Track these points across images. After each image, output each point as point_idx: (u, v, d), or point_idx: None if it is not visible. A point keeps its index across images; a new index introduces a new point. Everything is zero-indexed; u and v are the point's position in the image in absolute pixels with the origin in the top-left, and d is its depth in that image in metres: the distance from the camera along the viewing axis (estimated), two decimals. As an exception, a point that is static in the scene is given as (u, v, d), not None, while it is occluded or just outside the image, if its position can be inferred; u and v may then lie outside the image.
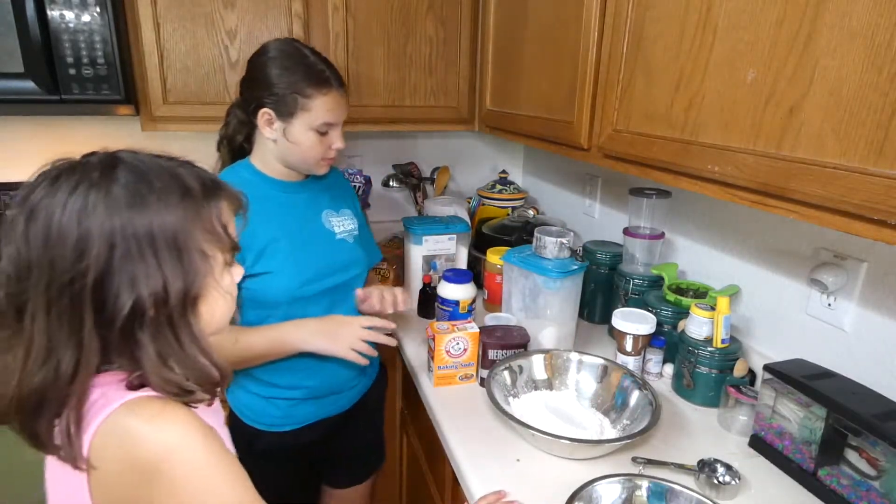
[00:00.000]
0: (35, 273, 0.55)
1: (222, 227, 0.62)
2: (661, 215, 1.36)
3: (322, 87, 1.08)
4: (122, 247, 0.55)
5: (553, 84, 1.27)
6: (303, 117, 1.09)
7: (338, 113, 1.12)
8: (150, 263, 0.56)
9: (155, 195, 0.57)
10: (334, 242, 1.22)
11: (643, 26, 0.96)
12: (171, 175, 0.60)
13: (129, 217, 0.56)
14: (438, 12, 1.67)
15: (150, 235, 0.56)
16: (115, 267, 0.55)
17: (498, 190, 1.93)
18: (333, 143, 1.14)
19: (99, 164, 0.59)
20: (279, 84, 1.08)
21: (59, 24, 1.33)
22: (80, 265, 0.54)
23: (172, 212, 0.58)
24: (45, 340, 0.55)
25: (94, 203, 0.55)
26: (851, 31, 0.62)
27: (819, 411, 0.90)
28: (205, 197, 0.61)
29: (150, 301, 0.56)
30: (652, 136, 0.95)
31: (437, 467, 1.22)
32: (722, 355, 1.11)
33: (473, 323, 1.23)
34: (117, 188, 0.56)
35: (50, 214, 0.55)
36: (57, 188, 0.56)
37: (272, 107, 1.09)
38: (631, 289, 1.36)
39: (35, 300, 0.55)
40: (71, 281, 0.54)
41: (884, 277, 0.94)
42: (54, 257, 0.54)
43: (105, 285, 0.55)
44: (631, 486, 0.89)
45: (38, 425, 0.57)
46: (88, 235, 0.54)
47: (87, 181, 0.56)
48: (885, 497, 0.81)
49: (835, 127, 0.65)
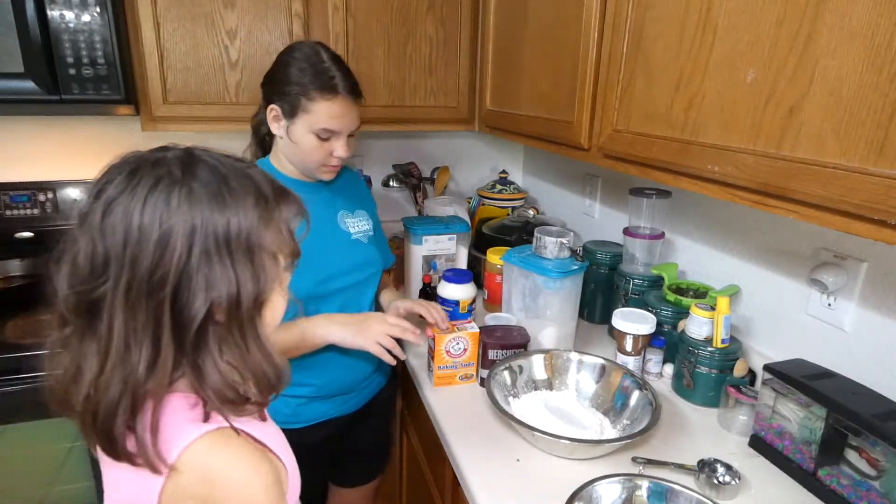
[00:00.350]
0: (113, 270, 0.53)
1: (288, 231, 0.62)
2: (661, 215, 1.36)
3: (327, 92, 1.08)
4: (201, 247, 0.54)
5: (553, 84, 1.27)
6: (304, 119, 1.10)
7: (341, 122, 1.11)
8: (225, 265, 0.55)
9: (233, 196, 0.57)
10: (350, 243, 1.23)
11: (643, 26, 0.96)
12: (245, 177, 0.60)
13: (210, 216, 0.55)
14: (438, 12, 1.67)
15: (226, 236, 0.55)
16: (194, 267, 0.54)
17: (498, 190, 1.93)
18: (335, 151, 1.13)
19: (178, 160, 0.57)
20: (288, 82, 1.09)
21: (59, 24, 1.33)
22: (162, 264, 0.53)
23: (248, 213, 0.57)
24: (123, 340, 0.54)
25: (177, 201, 0.54)
26: (851, 31, 0.62)
27: (819, 411, 0.90)
28: (276, 199, 0.61)
29: (223, 305, 0.55)
30: (652, 136, 0.95)
31: (437, 467, 1.22)
32: (722, 355, 1.11)
33: (473, 323, 1.23)
34: (198, 186, 0.55)
35: (130, 210, 0.53)
36: (136, 183, 0.54)
37: (279, 103, 1.11)
38: (631, 289, 1.36)
39: (113, 298, 0.53)
40: (151, 280, 0.53)
41: (884, 277, 0.94)
42: (135, 254, 0.53)
43: (183, 286, 0.54)
44: (631, 486, 0.89)
45: (114, 428, 0.55)
46: (171, 233, 0.53)
47: (168, 178, 0.55)
48: (885, 497, 0.81)
49: (835, 127, 0.64)
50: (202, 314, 0.54)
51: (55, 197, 1.73)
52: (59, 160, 1.78)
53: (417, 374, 1.27)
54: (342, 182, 1.27)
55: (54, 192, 1.73)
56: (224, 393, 0.57)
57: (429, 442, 1.26)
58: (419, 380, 1.25)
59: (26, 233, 1.72)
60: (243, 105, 1.58)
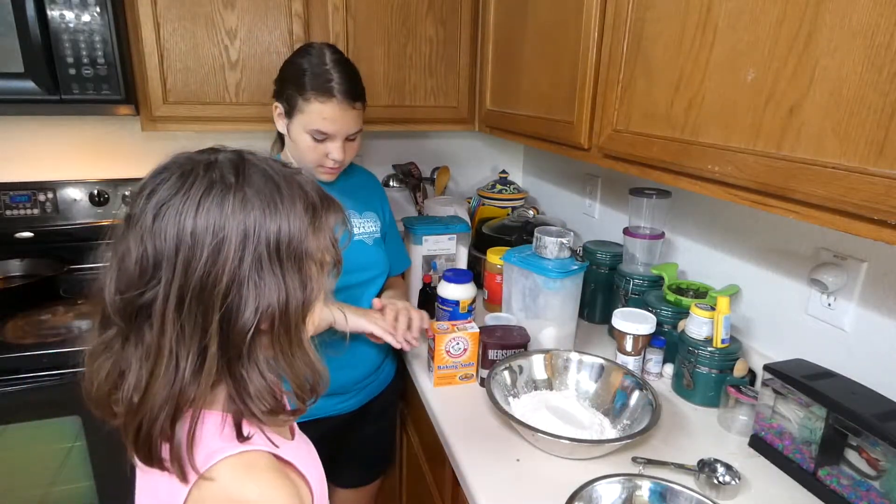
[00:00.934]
0: (164, 275, 0.52)
1: (333, 238, 0.62)
2: (661, 215, 1.36)
3: (321, 94, 1.09)
4: (253, 254, 0.54)
5: (553, 84, 1.27)
6: (299, 118, 1.12)
7: (334, 125, 1.12)
8: (275, 273, 0.55)
9: (284, 202, 0.56)
10: (351, 244, 1.23)
11: (643, 26, 0.96)
12: (295, 183, 0.60)
13: (262, 223, 0.54)
14: (438, 13, 1.67)
15: (277, 243, 0.55)
16: (245, 275, 0.53)
17: (498, 190, 1.93)
18: (329, 153, 1.15)
19: (231, 164, 0.57)
20: (290, 81, 1.12)
21: (59, 24, 1.33)
22: (214, 271, 0.52)
23: (298, 220, 0.57)
24: (170, 347, 0.53)
25: (231, 207, 0.53)
26: (851, 31, 0.62)
27: (819, 411, 0.90)
28: (322, 207, 0.61)
29: (271, 313, 0.55)
30: (652, 136, 0.95)
31: (437, 467, 1.22)
32: (722, 355, 1.11)
33: (473, 323, 1.23)
34: (252, 192, 0.55)
35: (183, 214, 0.52)
36: (189, 186, 0.54)
37: (281, 101, 1.15)
38: (631, 289, 1.36)
39: (163, 304, 0.52)
40: (203, 286, 0.52)
41: (884, 277, 0.94)
42: (188, 259, 0.52)
43: (233, 294, 0.53)
44: (631, 486, 0.89)
45: (153, 434, 0.54)
46: (225, 240, 0.52)
47: (221, 182, 0.54)
48: (885, 497, 0.81)
49: (835, 127, 0.64)
50: (252, 323, 0.53)
51: (55, 197, 1.73)
52: (59, 160, 1.78)
53: (417, 375, 1.27)
54: (353, 183, 1.29)
55: (54, 192, 1.73)
56: (264, 401, 0.56)
57: (429, 442, 1.26)
58: (419, 380, 1.25)
59: (26, 233, 1.72)
60: (243, 105, 1.58)
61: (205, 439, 0.56)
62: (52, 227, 1.74)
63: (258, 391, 0.56)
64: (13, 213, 1.71)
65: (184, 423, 0.55)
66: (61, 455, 1.41)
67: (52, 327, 1.43)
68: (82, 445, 1.40)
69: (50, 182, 1.73)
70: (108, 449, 1.41)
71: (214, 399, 0.58)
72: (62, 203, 1.74)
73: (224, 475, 0.54)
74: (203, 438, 0.56)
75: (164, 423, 0.54)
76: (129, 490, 0.66)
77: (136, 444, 0.56)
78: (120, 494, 1.46)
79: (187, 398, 0.54)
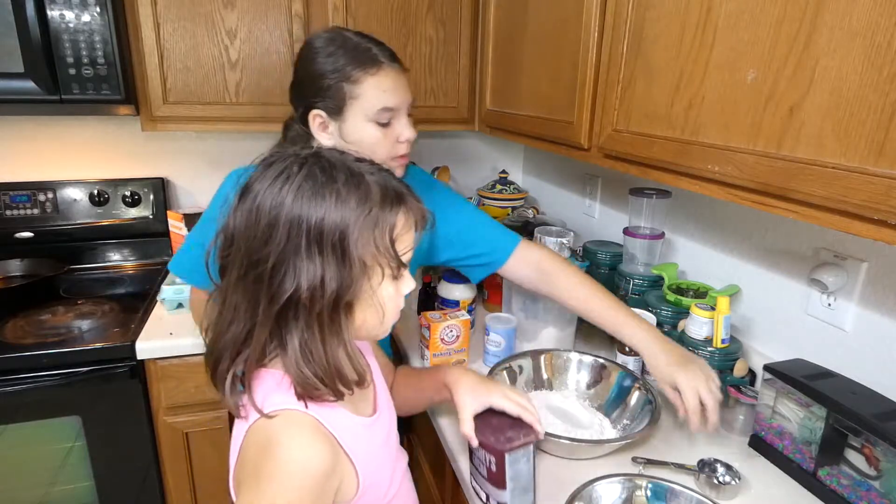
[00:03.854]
0: (235, 247, 0.63)
1: (391, 240, 0.64)
2: (661, 215, 1.36)
3: (368, 65, 0.93)
4: (296, 237, 0.60)
5: (553, 84, 1.27)
6: (355, 108, 0.94)
7: (396, 94, 0.96)
8: (314, 257, 0.60)
9: (334, 192, 0.61)
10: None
11: (643, 26, 0.96)
12: (357, 179, 0.63)
13: (308, 209, 0.60)
14: (438, 13, 1.67)
15: (319, 230, 0.60)
16: (288, 254, 0.60)
17: (498, 190, 1.93)
18: (402, 135, 0.98)
19: (302, 159, 0.64)
20: (322, 75, 0.94)
21: (59, 24, 1.33)
22: (265, 250, 0.60)
23: (345, 212, 0.61)
24: (232, 306, 0.64)
25: (285, 193, 0.61)
26: (851, 30, 0.62)
27: (819, 411, 0.90)
28: (381, 207, 0.63)
29: (306, 292, 0.60)
30: (652, 135, 0.95)
31: (437, 468, 1.22)
32: (722, 355, 1.11)
33: (463, 311, 1.25)
34: (306, 181, 0.61)
35: (255, 197, 0.62)
36: (266, 174, 0.63)
37: (321, 106, 0.96)
38: (631, 289, 1.36)
39: (231, 269, 0.63)
40: (256, 262, 0.61)
41: (884, 277, 0.94)
42: (249, 237, 0.62)
43: (277, 269, 0.60)
44: (631, 486, 0.89)
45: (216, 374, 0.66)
46: (276, 222, 0.60)
47: (286, 172, 0.62)
48: (885, 497, 0.81)
49: (835, 127, 0.64)
50: (289, 293, 0.60)
51: (55, 197, 1.73)
52: (59, 160, 1.78)
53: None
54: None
55: (54, 192, 1.73)
56: (302, 372, 0.63)
57: (429, 443, 1.26)
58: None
59: (26, 233, 1.73)
60: (243, 105, 1.58)
61: (263, 389, 0.64)
62: (52, 227, 1.74)
63: (298, 361, 0.63)
64: (13, 213, 1.71)
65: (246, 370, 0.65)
66: (61, 455, 1.41)
67: (52, 327, 1.43)
68: (82, 445, 1.40)
69: (50, 182, 1.73)
70: (108, 449, 1.42)
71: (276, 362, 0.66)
72: (62, 203, 1.74)
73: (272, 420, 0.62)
74: (262, 389, 0.64)
75: (227, 365, 0.64)
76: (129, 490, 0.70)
77: (211, 376, 0.67)
78: (120, 494, 1.46)
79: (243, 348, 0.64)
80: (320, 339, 0.63)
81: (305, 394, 0.64)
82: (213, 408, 1.47)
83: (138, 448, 1.44)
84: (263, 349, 0.64)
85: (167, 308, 1.52)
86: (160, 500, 1.50)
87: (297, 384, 0.63)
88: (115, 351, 1.35)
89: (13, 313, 1.48)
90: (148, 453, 1.45)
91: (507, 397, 0.84)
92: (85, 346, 1.34)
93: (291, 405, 0.63)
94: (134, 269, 1.82)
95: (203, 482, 1.54)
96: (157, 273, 1.77)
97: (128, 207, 1.80)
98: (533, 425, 0.82)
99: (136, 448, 1.43)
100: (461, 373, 0.89)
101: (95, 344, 1.35)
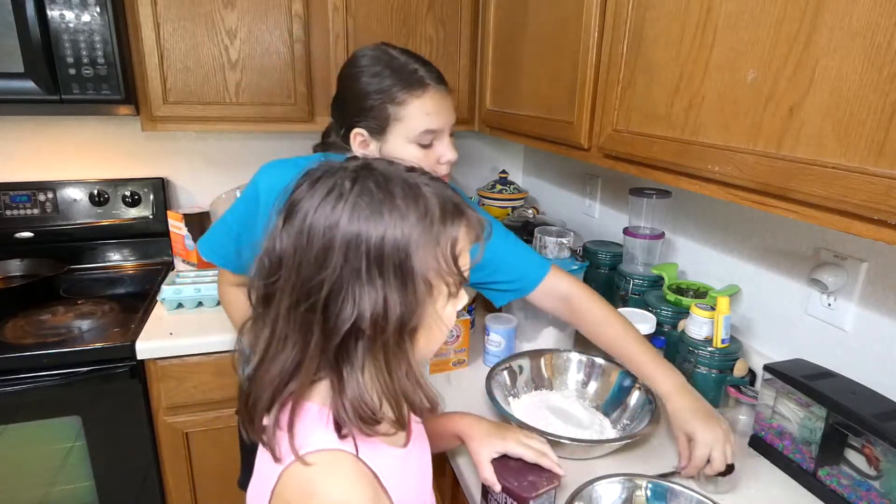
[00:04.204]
0: (284, 272, 0.56)
1: (454, 257, 0.59)
2: (661, 215, 1.36)
3: (415, 88, 0.93)
4: (354, 260, 0.54)
5: (553, 84, 1.27)
6: (398, 129, 0.94)
7: (440, 117, 0.95)
8: (375, 282, 0.55)
9: (393, 212, 0.56)
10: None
11: (643, 26, 0.96)
12: (414, 192, 0.58)
13: (366, 229, 0.54)
14: (438, 13, 1.67)
15: (379, 251, 0.54)
16: (346, 280, 0.54)
17: (498, 190, 1.93)
18: (443, 156, 0.98)
19: (353, 172, 0.58)
20: (366, 96, 0.93)
21: (59, 24, 1.33)
22: (319, 275, 0.54)
23: (406, 230, 0.56)
24: (280, 337, 0.58)
25: (340, 213, 0.55)
26: (851, 30, 0.62)
27: (819, 411, 0.90)
28: (442, 221, 0.58)
29: (369, 321, 0.55)
30: (652, 135, 0.95)
31: (436, 468, 1.22)
32: (722, 355, 1.11)
33: (463, 311, 1.26)
34: (363, 200, 0.55)
35: (304, 217, 0.56)
36: (314, 191, 0.57)
37: (364, 125, 0.95)
38: (631, 289, 1.36)
39: (280, 297, 0.57)
40: (309, 292, 0.55)
41: (884, 277, 0.94)
42: (301, 262, 0.55)
43: (333, 297, 0.55)
44: (631, 486, 0.89)
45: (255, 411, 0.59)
46: (332, 245, 0.54)
47: (338, 189, 0.56)
48: (885, 497, 0.81)
49: (835, 127, 0.64)
50: (347, 325, 0.55)
51: (55, 197, 1.73)
52: (59, 160, 1.78)
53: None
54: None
55: (54, 192, 1.73)
56: (359, 408, 0.57)
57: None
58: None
59: (26, 233, 1.73)
60: (243, 105, 1.58)
61: (303, 427, 0.58)
62: (52, 227, 1.74)
63: (354, 397, 0.57)
64: (13, 213, 1.71)
65: (284, 407, 0.58)
66: (61, 455, 1.41)
67: (52, 327, 1.43)
68: (82, 445, 1.40)
69: (50, 182, 1.73)
70: (108, 449, 1.42)
71: (317, 392, 0.60)
72: (62, 203, 1.74)
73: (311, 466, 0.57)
74: (302, 426, 0.58)
75: (266, 402, 0.58)
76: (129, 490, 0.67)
77: (244, 412, 0.61)
78: (120, 494, 1.46)
79: (289, 384, 0.58)
80: (385, 370, 0.58)
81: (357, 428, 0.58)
82: (213, 408, 1.47)
83: (138, 448, 1.44)
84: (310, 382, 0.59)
85: (167, 308, 1.52)
86: (160, 500, 1.51)
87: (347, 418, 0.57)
88: (115, 351, 1.35)
89: (13, 313, 1.48)
90: (148, 453, 1.45)
91: (523, 444, 0.83)
92: (85, 346, 1.34)
93: (332, 444, 0.58)
94: (134, 269, 1.82)
95: (203, 482, 1.54)
96: (157, 273, 1.77)
97: (128, 207, 1.80)
98: (553, 469, 0.81)
99: (136, 448, 1.44)
100: (472, 423, 0.87)
101: (95, 344, 1.35)
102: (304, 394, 0.59)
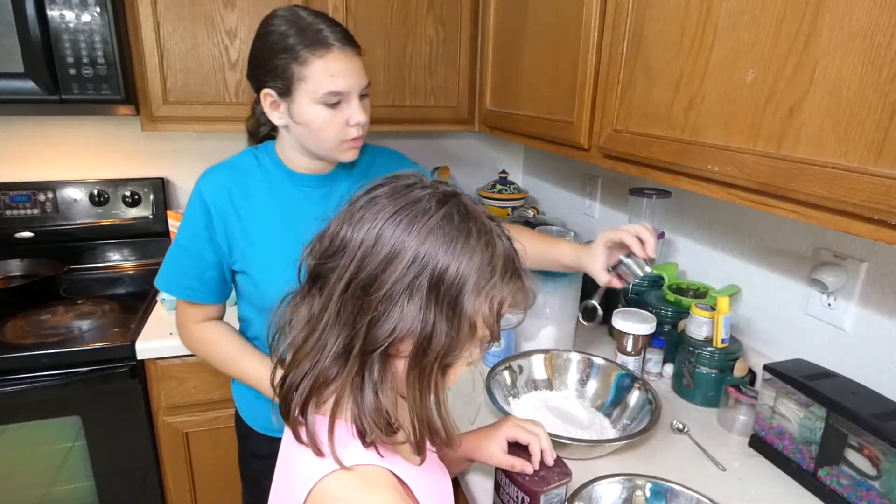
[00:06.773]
0: (344, 259, 0.57)
1: (499, 312, 0.60)
2: (661, 215, 1.36)
3: (317, 47, 0.91)
4: (417, 276, 0.55)
5: (553, 84, 1.27)
6: (302, 89, 0.93)
7: (345, 79, 0.93)
8: (430, 305, 0.55)
9: (465, 247, 0.56)
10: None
11: (643, 26, 0.96)
12: (487, 238, 0.59)
13: (435, 254, 0.55)
14: (438, 12, 1.67)
15: (440, 279, 0.55)
16: (398, 293, 0.55)
17: (498, 190, 1.93)
18: (351, 119, 0.96)
19: (440, 195, 0.59)
20: (272, 54, 0.93)
21: (59, 24, 1.33)
22: (380, 277, 0.55)
23: (470, 269, 0.56)
24: (328, 320, 0.57)
25: (417, 228, 0.56)
26: (851, 31, 0.62)
27: (819, 411, 0.90)
28: (502, 276, 0.59)
29: (409, 339, 0.56)
30: (652, 136, 0.95)
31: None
32: (722, 355, 1.11)
33: None
34: (442, 224, 0.56)
35: (380, 216, 0.56)
36: (399, 196, 0.58)
37: (271, 85, 0.95)
38: (631, 289, 1.36)
39: (334, 284, 0.57)
40: (366, 287, 0.55)
41: (884, 277, 0.94)
42: (364, 257, 0.56)
43: (384, 304, 0.55)
44: (631, 486, 0.89)
45: (291, 400, 0.59)
46: (399, 255, 0.55)
47: (421, 204, 0.57)
48: (885, 497, 0.81)
49: (835, 127, 0.64)
50: (383, 338, 0.55)
51: (55, 197, 1.73)
52: (59, 160, 1.78)
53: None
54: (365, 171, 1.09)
55: (54, 192, 1.73)
56: (377, 418, 0.58)
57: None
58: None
59: (26, 233, 1.73)
60: (243, 105, 1.58)
61: (339, 440, 0.58)
62: (52, 227, 1.74)
63: (371, 407, 0.58)
64: (13, 213, 1.71)
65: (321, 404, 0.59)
66: (61, 455, 1.41)
67: (52, 327, 1.43)
68: (82, 445, 1.40)
69: (50, 182, 1.73)
70: (107, 449, 1.42)
71: (340, 408, 0.60)
72: (62, 203, 1.74)
73: (351, 478, 0.57)
74: (338, 439, 0.58)
75: (303, 393, 0.58)
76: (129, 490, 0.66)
77: (280, 395, 0.61)
78: (119, 494, 1.46)
79: (326, 378, 0.58)
80: (418, 393, 0.58)
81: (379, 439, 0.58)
82: (213, 408, 1.47)
83: (138, 448, 1.44)
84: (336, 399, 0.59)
85: (167, 308, 1.52)
86: (160, 500, 1.51)
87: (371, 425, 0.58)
88: (115, 351, 1.35)
89: (13, 313, 1.48)
90: (148, 453, 1.45)
91: (517, 426, 0.84)
92: (85, 346, 1.34)
93: (368, 459, 0.58)
94: (134, 269, 1.82)
95: (203, 482, 1.54)
96: (156, 273, 1.76)
97: (128, 207, 1.80)
98: (536, 457, 0.82)
99: (136, 448, 1.44)
100: (470, 437, 0.88)
101: (95, 344, 1.35)
102: (334, 410, 0.59)
